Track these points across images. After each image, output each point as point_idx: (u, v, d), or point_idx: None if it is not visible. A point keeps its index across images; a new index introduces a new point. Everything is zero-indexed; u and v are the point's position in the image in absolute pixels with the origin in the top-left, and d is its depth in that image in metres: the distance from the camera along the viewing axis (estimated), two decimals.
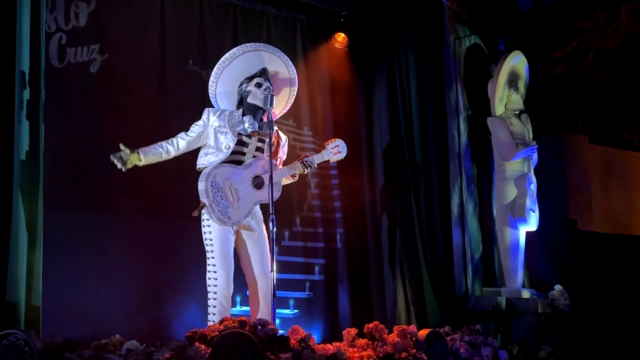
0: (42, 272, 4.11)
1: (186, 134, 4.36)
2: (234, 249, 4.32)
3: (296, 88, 4.66)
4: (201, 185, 4.18)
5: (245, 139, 4.34)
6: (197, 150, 4.42)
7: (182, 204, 5.00)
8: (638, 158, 8.65)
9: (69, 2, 5.08)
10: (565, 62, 5.88)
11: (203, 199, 4.18)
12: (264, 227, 4.38)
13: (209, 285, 4.20)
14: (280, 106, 4.65)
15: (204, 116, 4.39)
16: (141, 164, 4.22)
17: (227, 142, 4.29)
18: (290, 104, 4.74)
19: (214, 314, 4.13)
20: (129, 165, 4.17)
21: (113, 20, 5.27)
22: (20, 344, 3.54)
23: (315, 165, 4.53)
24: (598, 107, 7.45)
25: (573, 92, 6.16)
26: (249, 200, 4.27)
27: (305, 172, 4.50)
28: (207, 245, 4.24)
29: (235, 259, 4.34)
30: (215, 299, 4.16)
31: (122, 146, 4.15)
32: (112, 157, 4.14)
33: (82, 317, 4.68)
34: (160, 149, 4.28)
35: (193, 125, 4.40)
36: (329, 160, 4.61)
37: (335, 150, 4.56)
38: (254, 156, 4.35)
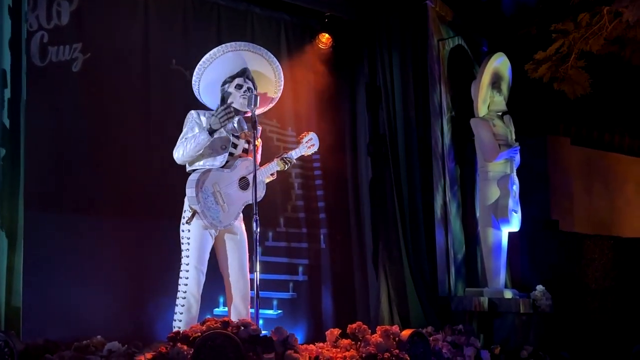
0: (22, 273, 4.08)
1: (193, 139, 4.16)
2: (213, 249, 4.27)
3: (282, 85, 4.53)
4: (190, 192, 4.08)
5: (235, 140, 4.30)
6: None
7: (164, 205, 4.98)
8: (620, 160, 8.72)
9: (51, 0, 5.03)
10: (547, 64, 5.89)
11: (194, 205, 4.09)
12: (243, 226, 4.35)
13: (180, 285, 4.12)
14: (265, 103, 4.51)
15: (195, 119, 4.23)
16: None
17: (223, 143, 4.22)
18: (276, 101, 4.60)
19: (181, 313, 4.06)
20: None
21: (95, 19, 5.23)
22: (0, 345, 3.52)
23: (294, 160, 4.51)
24: (580, 109, 7.50)
25: (555, 93, 6.17)
26: (237, 203, 4.23)
27: (286, 168, 4.48)
28: (183, 244, 4.16)
29: (215, 259, 4.30)
30: (184, 298, 4.09)
31: None
32: None
33: (63, 318, 4.65)
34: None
35: (189, 131, 4.19)
36: (304, 154, 4.58)
37: (310, 144, 4.56)
38: (239, 156, 4.31)
